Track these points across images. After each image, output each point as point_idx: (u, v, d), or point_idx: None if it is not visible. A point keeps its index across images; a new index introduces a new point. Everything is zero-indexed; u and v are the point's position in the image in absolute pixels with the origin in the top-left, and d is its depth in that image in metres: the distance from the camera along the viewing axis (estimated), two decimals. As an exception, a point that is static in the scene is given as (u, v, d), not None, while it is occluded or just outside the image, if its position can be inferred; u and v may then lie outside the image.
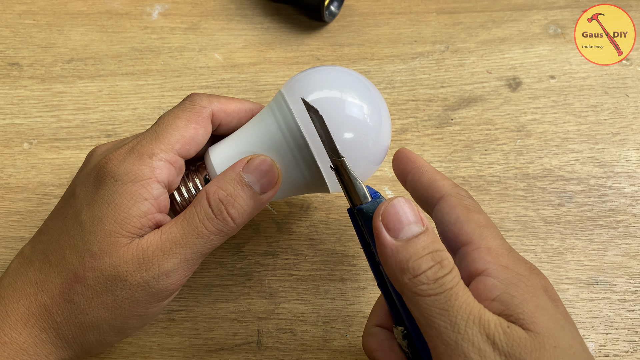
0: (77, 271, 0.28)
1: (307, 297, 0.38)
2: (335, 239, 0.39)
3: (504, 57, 0.47)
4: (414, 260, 0.25)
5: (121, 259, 0.28)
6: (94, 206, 0.28)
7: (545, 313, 0.25)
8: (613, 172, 0.42)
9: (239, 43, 0.48)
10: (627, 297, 0.37)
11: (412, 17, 0.50)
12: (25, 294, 0.29)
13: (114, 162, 0.29)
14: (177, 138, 0.30)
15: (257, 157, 0.30)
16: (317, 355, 0.36)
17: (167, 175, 0.30)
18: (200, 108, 0.31)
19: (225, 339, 0.36)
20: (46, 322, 0.28)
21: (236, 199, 0.29)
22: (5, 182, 0.42)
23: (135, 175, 0.28)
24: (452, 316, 0.24)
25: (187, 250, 0.28)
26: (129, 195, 0.28)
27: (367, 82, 0.33)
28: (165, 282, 0.28)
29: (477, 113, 0.45)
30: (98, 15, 0.50)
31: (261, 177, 0.30)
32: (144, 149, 0.29)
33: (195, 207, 0.29)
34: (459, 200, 0.30)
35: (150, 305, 0.29)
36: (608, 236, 0.39)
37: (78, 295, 0.28)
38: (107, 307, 0.28)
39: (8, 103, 0.45)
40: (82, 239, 0.28)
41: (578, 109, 0.45)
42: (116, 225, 0.28)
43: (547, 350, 0.23)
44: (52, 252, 0.29)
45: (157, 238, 0.28)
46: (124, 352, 0.36)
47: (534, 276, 0.27)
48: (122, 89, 0.46)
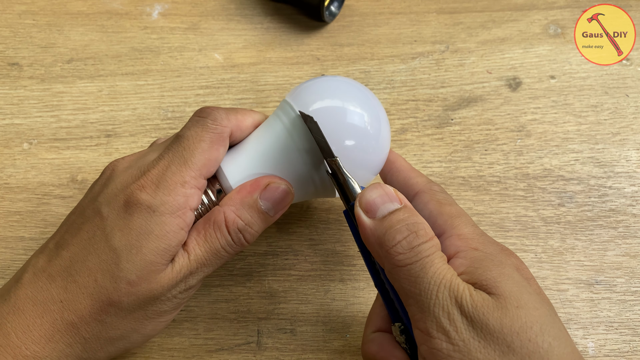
0: (111, 296, 0.28)
1: (307, 297, 0.38)
2: (335, 239, 0.39)
3: (504, 57, 0.47)
4: (389, 232, 0.26)
5: (159, 284, 0.29)
6: (129, 234, 0.29)
7: (509, 279, 0.26)
8: (613, 172, 0.42)
9: (239, 43, 0.48)
10: (627, 297, 0.37)
11: (412, 17, 0.50)
12: (49, 311, 0.29)
13: (148, 192, 0.29)
14: (203, 162, 0.30)
15: (274, 182, 0.31)
16: (317, 356, 0.36)
17: (197, 201, 0.30)
18: (222, 128, 0.31)
19: (225, 339, 0.36)
20: (73, 338, 0.29)
21: (252, 226, 0.31)
22: (5, 182, 0.42)
23: (171, 206, 0.29)
24: (426, 283, 0.25)
25: (208, 269, 0.31)
26: (169, 227, 0.29)
27: (368, 92, 0.34)
28: (188, 294, 0.31)
29: (477, 113, 0.45)
30: (98, 15, 0.50)
31: (276, 203, 0.31)
32: (175, 177, 0.30)
33: (216, 233, 0.30)
34: (431, 195, 0.31)
35: (174, 311, 0.31)
36: (608, 236, 0.39)
37: (110, 316, 0.29)
38: (137, 320, 0.30)
39: (8, 103, 0.45)
40: (117, 266, 0.28)
41: (578, 109, 0.45)
42: (157, 256, 0.29)
43: (509, 310, 0.24)
44: (79, 272, 0.29)
45: (187, 262, 0.30)
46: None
47: (503, 255, 0.28)
48: (122, 89, 0.46)
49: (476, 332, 0.24)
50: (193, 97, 0.46)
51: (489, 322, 0.24)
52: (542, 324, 0.24)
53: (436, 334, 0.24)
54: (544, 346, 0.24)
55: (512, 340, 0.23)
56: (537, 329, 0.24)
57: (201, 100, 0.45)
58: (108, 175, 0.32)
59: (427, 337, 0.25)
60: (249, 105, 0.45)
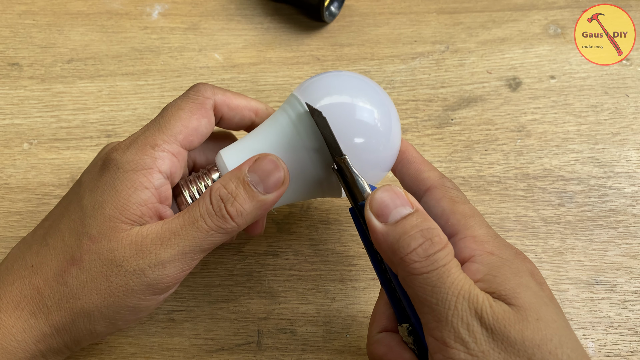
0: (74, 253, 0.28)
1: (307, 297, 0.38)
2: (335, 239, 0.39)
3: (504, 57, 0.47)
4: (403, 238, 0.26)
5: (119, 243, 0.28)
6: (96, 192, 0.29)
7: (528, 290, 0.25)
8: (613, 172, 0.42)
9: (239, 43, 0.48)
10: (627, 297, 0.37)
11: (412, 17, 0.50)
12: (20, 277, 0.29)
13: (118, 151, 0.30)
14: (179, 129, 0.30)
15: (264, 156, 0.30)
16: (317, 356, 0.36)
17: (169, 166, 0.30)
18: (203, 99, 0.31)
19: (225, 339, 0.36)
20: (37, 306, 0.28)
21: (236, 197, 0.29)
22: (5, 182, 0.42)
23: (137, 163, 0.29)
24: (443, 293, 0.25)
25: (185, 243, 0.28)
26: (130, 182, 0.28)
27: (378, 87, 0.33)
28: (160, 272, 0.28)
29: (477, 113, 0.45)
30: (98, 15, 0.50)
31: (266, 177, 0.29)
32: (147, 140, 0.30)
33: (198, 202, 0.29)
34: (444, 192, 0.31)
35: (145, 296, 0.28)
36: (608, 236, 0.39)
37: (72, 278, 0.28)
38: (100, 293, 0.28)
39: (8, 103, 0.45)
40: (82, 222, 0.28)
41: (578, 109, 0.45)
42: (116, 211, 0.28)
43: (530, 322, 0.24)
44: (51, 235, 0.29)
45: (158, 228, 0.28)
46: (124, 352, 0.36)
47: (518, 260, 0.28)
48: (122, 89, 0.46)
49: (496, 344, 0.24)
50: (193, 97, 0.46)
51: (510, 334, 0.24)
52: (561, 337, 0.24)
53: (454, 344, 0.24)
54: (563, 358, 0.24)
55: (534, 352, 0.24)
56: (557, 341, 0.24)
57: (201, 100, 0.45)
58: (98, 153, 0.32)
59: (443, 346, 0.25)
60: (249, 105, 0.45)
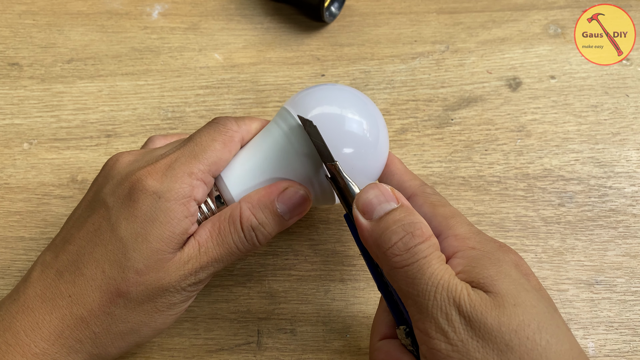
0: (119, 286, 0.28)
1: (307, 297, 0.38)
2: (336, 239, 0.39)
3: (504, 57, 0.47)
4: (385, 233, 0.26)
5: (166, 273, 0.29)
6: (134, 222, 0.29)
7: (507, 277, 0.26)
8: (613, 172, 0.42)
9: (239, 43, 0.48)
10: (627, 297, 0.37)
11: (412, 17, 0.50)
12: (58, 306, 0.28)
13: (154, 177, 0.29)
14: (214, 160, 0.31)
15: (292, 187, 0.31)
16: (317, 356, 0.36)
17: (202, 195, 0.30)
18: (233, 132, 0.32)
19: (225, 339, 0.36)
20: (82, 334, 0.29)
21: (266, 227, 0.31)
22: (5, 182, 0.42)
23: (177, 193, 0.29)
24: (423, 284, 0.25)
25: (220, 265, 0.31)
26: (172, 213, 0.29)
27: (366, 98, 0.34)
28: (196, 287, 0.31)
29: (477, 113, 0.45)
30: (98, 15, 0.50)
31: (293, 208, 0.31)
32: (183, 167, 0.30)
33: (230, 227, 0.30)
34: (425, 198, 0.31)
35: (183, 304, 0.31)
36: (608, 236, 0.39)
37: (120, 308, 0.29)
38: (147, 313, 0.29)
39: (8, 103, 0.45)
40: (125, 255, 0.28)
41: (578, 109, 0.45)
42: (162, 243, 0.29)
43: (507, 308, 0.24)
44: (86, 265, 0.29)
45: (197, 253, 0.30)
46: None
47: (501, 252, 0.28)
48: (122, 89, 0.46)
49: (474, 332, 0.24)
50: (193, 97, 0.46)
51: (487, 321, 0.24)
52: (540, 322, 0.24)
53: (435, 334, 0.25)
54: (541, 343, 0.24)
55: (510, 338, 0.24)
56: (535, 326, 0.24)
57: (201, 100, 0.46)
58: (111, 166, 0.32)
59: (426, 337, 0.25)
60: (249, 105, 0.45)
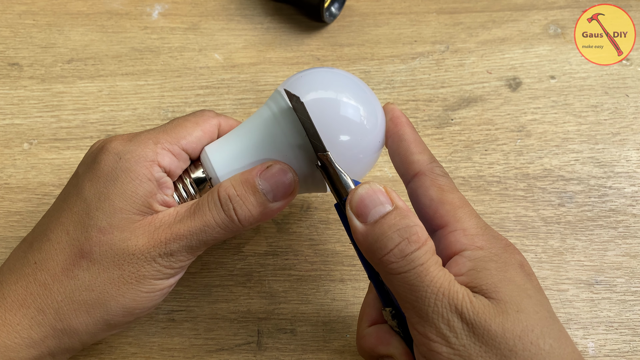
0: (82, 246, 0.28)
1: (307, 297, 0.38)
2: (336, 239, 0.39)
3: (504, 57, 0.47)
4: (380, 240, 0.26)
5: (132, 233, 0.28)
6: (97, 182, 0.29)
7: (510, 284, 0.26)
8: (613, 172, 0.42)
9: (239, 43, 0.48)
10: (627, 297, 0.37)
11: (412, 17, 0.50)
12: (24, 275, 0.28)
13: (118, 141, 0.30)
14: (183, 134, 0.31)
15: (276, 164, 0.30)
16: (317, 356, 0.36)
17: (169, 162, 0.30)
18: (208, 117, 0.32)
19: (225, 339, 0.36)
20: (45, 302, 0.28)
21: (245, 202, 0.29)
22: (5, 182, 0.42)
23: (138, 155, 0.29)
24: (422, 291, 0.25)
25: (193, 237, 0.29)
26: (133, 173, 0.29)
27: (363, 84, 0.32)
28: (169, 260, 0.29)
29: (477, 113, 0.45)
30: (98, 15, 0.50)
31: (276, 187, 0.30)
32: (149, 135, 0.30)
33: (206, 197, 0.30)
34: (432, 179, 0.30)
35: (156, 282, 0.29)
36: (608, 236, 0.39)
37: (83, 271, 0.28)
38: (113, 282, 0.28)
39: (8, 103, 0.45)
40: (88, 214, 0.28)
41: (578, 109, 0.45)
42: (124, 202, 0.28)
43: (510, 314, 0.24)
44: (53, 230, 0.29)
45: (171, 220, 0.29)
46: (124, 352, 0.36)
47: (507, 253, 0.28)
48: (122, 89, 0.46)
49: (477, 338, 0.24)
50: (193, 97, 0.46)
51: (491, 328, 0.24)
52: (543, 327, 0.24)
53: (435, 338, 0.25)
54: (545, 348, 0.24)
55: (515, 344, 0.24)
56: (538, 331, 0.24)
57: (201, 100, 0.45)
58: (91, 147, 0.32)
59: (425, 339, 0.25)
60: (249, 105, 0.45)
